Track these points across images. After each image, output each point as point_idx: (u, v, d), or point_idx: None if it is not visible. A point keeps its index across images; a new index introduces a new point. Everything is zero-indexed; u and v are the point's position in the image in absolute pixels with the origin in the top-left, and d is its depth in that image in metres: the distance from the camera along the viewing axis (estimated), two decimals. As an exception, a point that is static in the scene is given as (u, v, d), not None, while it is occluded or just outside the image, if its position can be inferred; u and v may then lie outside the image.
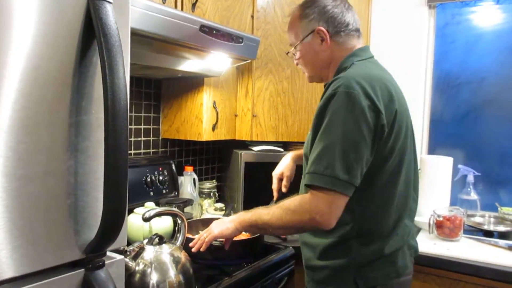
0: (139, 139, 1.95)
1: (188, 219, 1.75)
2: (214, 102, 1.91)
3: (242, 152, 2.07)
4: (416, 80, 2.35)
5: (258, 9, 1.99)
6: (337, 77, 1.13)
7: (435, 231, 1.80)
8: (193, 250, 1.31)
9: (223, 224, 1.29)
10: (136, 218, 1.55)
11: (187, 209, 1.88)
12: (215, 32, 1.51)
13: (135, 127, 1.92)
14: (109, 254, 0.85)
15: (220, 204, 2.10)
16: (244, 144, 2.15)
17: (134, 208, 1.62)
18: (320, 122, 1.10)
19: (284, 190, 1.57)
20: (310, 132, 1.18)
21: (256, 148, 2.11)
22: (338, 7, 1.26)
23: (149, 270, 1.13)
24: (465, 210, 1.92)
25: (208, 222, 1.47)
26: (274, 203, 1.21)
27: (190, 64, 1.67)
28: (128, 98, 0.75)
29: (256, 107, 2.06)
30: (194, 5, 1.63)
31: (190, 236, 1.45)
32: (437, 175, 2.02)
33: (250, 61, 1.90)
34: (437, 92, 2.38)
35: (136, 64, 1.52)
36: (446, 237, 1.78)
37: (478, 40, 2.26)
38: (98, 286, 0.77)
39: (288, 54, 1.46)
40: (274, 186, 1.60)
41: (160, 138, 2.05)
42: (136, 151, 1.93)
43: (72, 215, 0.76)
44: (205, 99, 1.87)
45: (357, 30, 1.29)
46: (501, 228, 1.94)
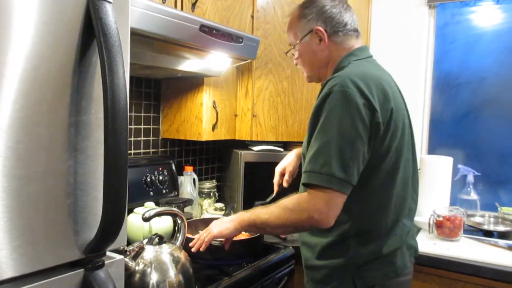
0: (139, 139, 1.95)
1: (188, 219, 1.74)
2: (214, 102, 1.91)
3: (242, 152, 2.06)
4: (416, 80, 2.35)
5: (258, 9, 1.99)
6: (332, 76, 1.14)
7: (435, 231, 1.80)
8: (192, 250, 1.31)
9: (222, 224, 1.29)
10: (136, 218, 1.56)
11: (187, 209, 1.88)
12: (215, 32, 1.51)
13: (135, 127, 1.92)
14: (108, 254, 0.85)
15: (220, 204, 2.10)
16: (244, 144, 2.15)
17: (134, 208, 1.62)
18: (316, 121, 1.11)
19: (286, 185, 1.57)
20: (308, 132, 1.18)
21: (256, 148, 2.11)
22: (336, 7, 1.27)
23: (149, 270, 1.13)
24: (465, 210, 1.92)
25: (208, 222, 1.47)
26: (273, 198, 1.21)
27: (190, 64, 1.67)
28: (128, 98, 0.75)
29: (256, 107, 2.06)
30: (194, 5, 1.63)
31: (190, 236, 1.45)
32: (437, 175, 2.02)
33: (250, 61, 1.90)
34: (437, 92, 2.38)
35: (135, 64, 1.52)
36: (446, 237, 1.78)
37: (478, 40, 2.26)
38: (97, 286, 0.77)
39: (287, 54, 1.46)
40: (275, 180, 1.60)
41: (160, 138, 2.05)
42: (136, 151, 1.93)
43: (72, 215, 0.76)
44: (205, 99, 1.87)
45: (355, 30, 1.29)
46: (501, 228, 1.94)
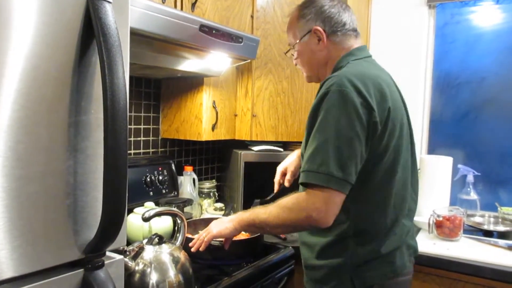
0: (139, 139, 1.95)
1: (188, 219, 1.75)
2: (214, 102, 1.91)
3: (242, 152, 2.06)
4: (416, 80, 2.35)
5: (257, 9, 1.99)
6: (330, 76, 1.14)
7: (435, 231, 1.80)
8: (192, 250, 1.31)
9: (222, 223, 1.29)
10: (135, 218, 1.56)
11: (187, 209, 1.88)
12: (214, 32, 1.51)
13: (134, 127, 1.92)
14: (108, 254, 0.85)
15: (219, 204, 2.10)
16: (244, 144, 2.15)
17: (133, 208, 1.62)
18: (314, 121, 1.11)
19: (287, 184, 1.56)
20: (305, 132, 1.19)
21: (255, 148, 2.10)
22: (335, 7, 1.27)
23: (148, 270, 1.13)
24: (464, 210, 1.93)
25: (207, 222, 1.47)
26: (273, 197, 1.21)
27: (189, 64, 1.67)
28: (128, 98, 0.75)
29: (256, 107, 2.06)
30: (193, 4, 1.63)
31: (189, 236, 1.45)
32: (436, 175, 2.02)
33: (249, 61, 1.90)
34: (436, 92, 2.38)
35: (135, 64, 1.52)
36: (446, 237, 1.78)
37: (478, 40, 2.26)
38: (97, 286, 0.77)
39: (286, 54, 1.46)
40: (276, 179, 1.60)
41: (159, 138, 2.05)
42: (135, 151, 1.93)
43: (72, 215, 0.76)
44: (204, 99, 1.86)
45: (354, 30, 1.29)
46: (500, 228, 1.94)
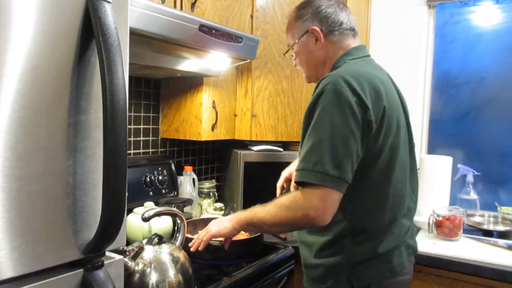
0: (138, 139, 1.95)
1: (188, 219, 1.74)
2: (214, 102, 1.91)
3: (242, 152, 2.06)
4: (416, 80, 2.35)
5: (257, 8, 1.99)
6: (326, 75, 1.14)
7: (435, 231, 1.80)
8: (191, 249, 1.31)
9: (221, 223, 1.30)
10: (135, 218, 1.55)
11: (187, 209, 1.88)
12: (214, 31, 1.51)
13: (134, 127, 1.92)
14: (108, 254, 0.85)
15: (219, 204, 2.10)
16: (244, 144, 2.15)
17: (133, 208, 1.62)
18: (310, 120, 1.11)
19: (292, 190, 1.56)
20: (302, 131, 1.19)
21: (255, 147, 2.10)
22: (331, 7, 1.27)
23: (148, 270, 1.13)
24: (464, 209, 1.93)
25: (207, 222, 1.47)
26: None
27: (189, 64, 1.67)
28: (127, 98, 0.75)
29: (256, 106, 2.06)
30: (193, 4, 1.63)
31: (189, 236, 1.45)
32: (436, 174, 2.02)
33: (249, 60, 1.90)
34: (436, 91, 2.38)
35: (135, 64, 1.52)
36: (446, 236, 1.78)
37: (478, 40, 2.26)
38: (97, 286, 0.77)
39: (285, 54, 1.46)
40: (279, 184, 1.59)
41: (159, 138, 2.05)
42: (135, 151, 1.93)
43: (71, 215, 0.76)
44: (204, 99, 1.86)
45: (351, 29, 1.29)
46: (500, 227, 1.94)
